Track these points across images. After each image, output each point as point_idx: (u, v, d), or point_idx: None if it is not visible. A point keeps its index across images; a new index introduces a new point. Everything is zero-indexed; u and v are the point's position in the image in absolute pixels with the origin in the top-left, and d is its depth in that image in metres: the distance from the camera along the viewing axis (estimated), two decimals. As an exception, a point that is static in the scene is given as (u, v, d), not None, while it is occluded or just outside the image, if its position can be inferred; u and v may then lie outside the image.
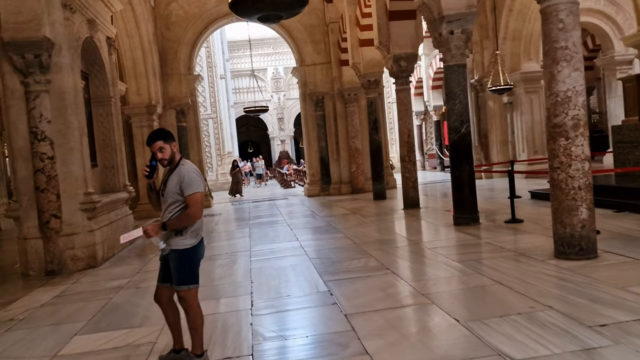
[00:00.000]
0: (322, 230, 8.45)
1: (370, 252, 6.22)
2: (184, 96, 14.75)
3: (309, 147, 15.75)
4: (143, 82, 13.67)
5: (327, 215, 10.43)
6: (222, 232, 9.52)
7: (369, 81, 12.53)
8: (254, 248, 7.36)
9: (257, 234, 8.69)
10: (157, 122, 14.27)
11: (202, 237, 3.27)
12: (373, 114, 12.58)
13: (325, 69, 15.37)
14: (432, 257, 5.72)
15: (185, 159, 3.28)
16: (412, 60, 10.02)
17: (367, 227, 8.36)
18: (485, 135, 16.27)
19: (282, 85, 36.79)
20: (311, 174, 15.79)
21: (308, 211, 11.77)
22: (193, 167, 3.19)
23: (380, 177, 12.60)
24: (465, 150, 7.55)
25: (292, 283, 5.22)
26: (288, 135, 37.77)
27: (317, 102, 15.40)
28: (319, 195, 15.45)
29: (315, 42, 15.32)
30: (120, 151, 9.18)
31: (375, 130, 12.55)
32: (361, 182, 15.16)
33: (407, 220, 8.90)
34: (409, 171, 10.10)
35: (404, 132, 10.09)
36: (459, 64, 7.51)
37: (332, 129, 15.45)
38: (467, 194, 7.52)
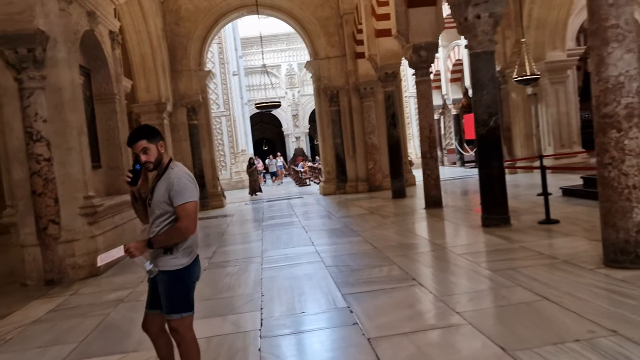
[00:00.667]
0: (339, 233, 7.90)
1: (393, 259, 5.65)
2: (194, 93, 14.30)
3: (324, 144, 15.19)
4: (152, 79, 13.25)
5: (344, 216, 9.88)
6: (233, 235, 9.03)
7: (386, 74, 11.92)
8: (266, 253, 6.84)
9: (270, 237, 8.17)
10: (168, 120, 13.85)
11: (197, 255, 2.74)
12: (391, 108, 11.97)
13: (340, 63, 14.78)
14: (462, 265, 5.14)
15: (176, 161, 2.75)
16: (432, 50, 9.40)
17: (387, 229, 7.78)
18: (508, 128, 15.53)
19: (296, 82, 36.28)
20: (327, 172, 15.24)
21: (324, 211, 11.23)
22: (185, 171, 2.66)
23: (399, 174, 12.00)
24: (494, 144, 6.93)
25: (307, 296, 4.68)
26: (303, 132, 37.29)
27: (331, 97, 14.83)
28: (335, 193, 14.90)
29: (329, 35, 14.74)
30: (125, 150, 8.73)
31: (393, 125, 11.95)
32: (379, 180, 14.57)
33: (430, 221, 8.31)
34: (430, 168, 9.49)
35: (425, 126, 9.48)
36: (487, 51, 6.88)
37: (347, 124, 14.86)
38: (496, 193, 6.90)
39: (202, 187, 14.36)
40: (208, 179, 14.63)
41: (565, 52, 14.39)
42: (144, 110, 13.20)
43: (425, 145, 9.50)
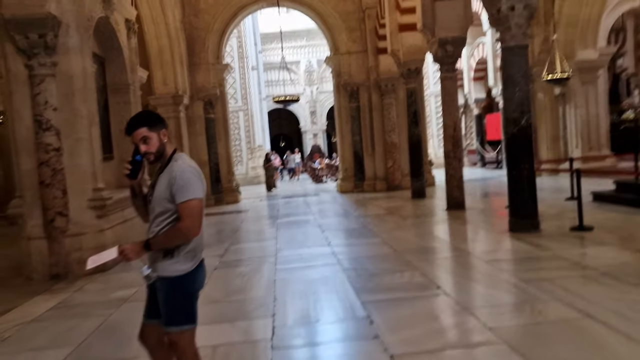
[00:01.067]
0: (357, 234, 7.56)
1: (415, 264, 5.30)
2: (212, 87, 14.05)
3: (342, 141, 14.84)
4: (169, 72, 13.03)
5: (362, 215, 9.53)
6: (247, 232, 8.74)
7: (408, 70, 11.51)
8: (280, 253, 6.53)
9: (284, 236, 7.86)
10: (184, 113, 13.63)
11: (201, 260, 2.43)
12: (413, 106, 11.57)
13: (361, 58, 14.40)
14: (491, 274, 4.76)
15: (181, 152, 2.45)
16: (459, 45, 8.98)
17: (407, 231, 7.42)
18: (535, 130, 14.89)
19: (315, 78, 35.97)
20: (344, 169, 14.89)
21: (341, 209, 10.89)
22: (189, 163, 2.35)
23: (420, 173, 11.60)
24: (525, 145, 6.51)
25: (323, 302, 4.35)
26: (320, 129, 37.00)
27: (351, 93, 14.46)
28: (352, 191, 14.54)
29: (350, 30, 14.37)
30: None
31: (414, 124, 11.55)
32: (397, 179, 14.17)
33: (453, 223, 7.91)
34: (453, 168, 9.08)
35: (449, 124, 9.07)
36: (520, 45, 6.46)
37: (367, 121, 14.49)
38: (526, 197, 6.48)
39: (218, 181, 14.15)
40: (223, 174, 14.39)
41: (597, 52, 13.82)
42: (160, 102, 12.99)
43: (449, 145, 9.10)
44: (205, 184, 2.39)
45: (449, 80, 9.09)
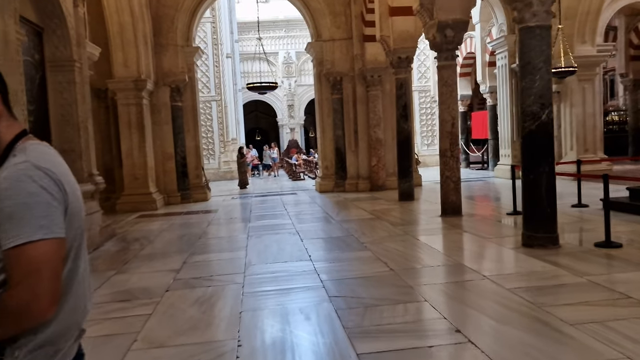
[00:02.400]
0: (342, 244, 6.42)
1: (419, 290, 4.19)
2: (180, 71, 12.72)
3: (322, 136, 13.69)
4: (131, 53, 11.66)
5: (345, 220, 8.41)
6: (213, 239, 7.52)
7: (399, 58, 10.42)
8: (250, 269, 5.34)
9: (256, 245, 6.67)
10: (148, 100, 12.27)
11: (80, 355, 1.24)
12: (402, 98, 10.49)
13: (345, 46, 13.26)
14: (522, 309, 3.67)
15: (35, 141, 1.25)
16: (460, 29, 7.91)
17: (401, 243, 6.31)
18: (526, 128, 14.09)
19: (293, 71, 34.89)
20: (324, 167, 13.74)
21: (321, 212, 9.74)
22: (39, 163, 1.15)
23: (408, 173, 10.54)
24: (545, 144, 5.48)
25: (304, 352, 3.19)
26: (298, 123, 35.92)
27: (334, 83, 13.31)
28: (333, 191, 13.42)
29: (334, 14, 13.20)
30: (85, 131, 7.19)
31: (404, 118, 10.47)
32: (382, 178, 13.12)
33: (452, 233, 6.84)
34: (450, 169, 8.03)
35: (447, 120, 8.01)
36: (542, 26, 5.41)
37: (350, 115, 13.37)
38: (544, 206, 5.45)
39: (185, 177, 12.87)
40: (191, 169, 13.09)
41: (595, 47, 12.98)
42: (120, 87, 11.62)
43: (446, 142, 8.04)
44: (81, 200, 1.21)
45: (447, 70, 8.02)
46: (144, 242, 7.47)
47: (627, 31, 18.11)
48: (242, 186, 16.54)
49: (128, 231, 8.69)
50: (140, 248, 7.03)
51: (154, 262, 6.07)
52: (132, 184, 11.77)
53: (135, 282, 5.14)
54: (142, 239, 7.77)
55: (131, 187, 11.77)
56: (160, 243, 7.39)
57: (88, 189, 7.05)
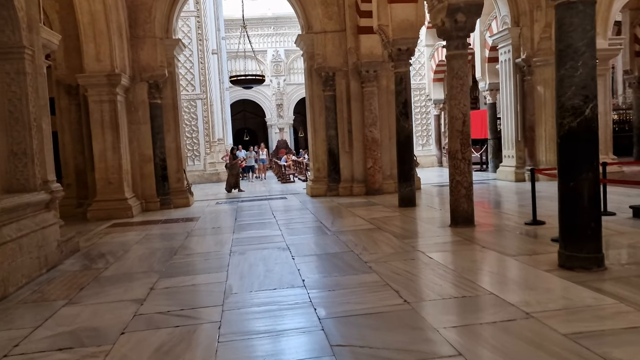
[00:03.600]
0: (341, 264, 5.42)
1: (449, 337, 3.21)
2: (159, 66, 11.64)
3: (314, 136, 12.68)
4: (104, 45, 10.58)
5: (342, 231, 7.42)
6: (190, 255, 6.48)
7: (398, 50, 9.45)
8: (230, 300, 4.33)
9: (240, 265, 5.65)
10: (123, 97, 11.19)
11: None
12: (402, 94, 9.52)
13: (338, 39, 12.27)
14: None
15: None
16: (473, 13, 6.95)
17: (411, 262, 5.33)
18: (532, 128, 13.23)
19: (282, 69, 34.06)
20: (316, 169, 12.74)
21: (313, 221, 8.74)
22: None
23: (410, 177, 9.58)
24: (589, 145, 4.53)
25: None
26: (287, 123, 35.04)
27: (326, 79, 12.32)
28: (325, 195, 12.43)
29: (326, 4, 12.20)
30: (39, 130, 6.12)
31: (404, 116, 9.51)
32: (378, 182, 12.15)
33: (469, 249, 5.87)
34: (461, 172, 7.06)
35: (458, 117, 7.05)
36: (586, 0, 4.46)
37: (344, 113, 12.38)
38: (587, 220, 4.50)
39: (164, 181, 11.80)
40: (171, 172, 12.02)
41: (607, 40, 12.13)
42: (92, 82, 10.53)
43: (456, 142, 7.07)
44: None
45: (458, 60, 7.05)
46: (110, 259, 6.42)
47: (632, 26, 17.34)
48: (229, 189, 15.48)
49: (95, 244, 7.62)
50: (104, 267, 5.98)
51: (116, 287, 5.04)
52: (105, 189, 10.68)
53: (86, 318, 4.10)
54: (109, 255, 6.72)
55: (104, 192, 10.68)
56: (128, 260, 6.34)
57: (41, 199, 5.98)
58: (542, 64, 12.73)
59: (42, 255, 5.77)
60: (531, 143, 13.26)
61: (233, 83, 17.37)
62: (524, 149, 13.37)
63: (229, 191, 15.38)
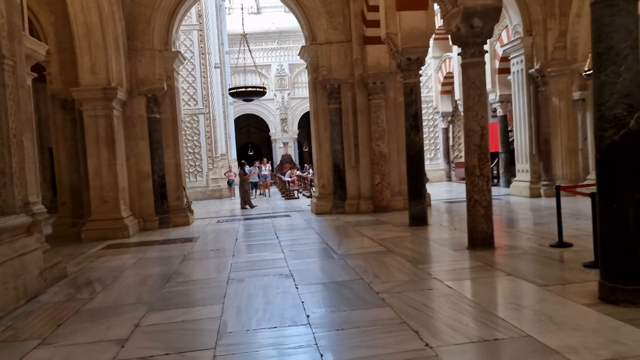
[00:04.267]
0: (350, 294, 4.84)
1: (483, 396, 2.63)
2: (157, 79, 11.20)
3: (319, 150, 12.16)
4: (100, 57, 10.16)
5: (350, 254, 6.84)
6: (183, 284, 5.91)
7: (408, 60, 8.94)
8: (223, 341, 3.76)
9: (237, 296, 5.09)
10: (120, 112, 10.73)
11: None
12: (412, 106, 9.00)
13: (344, 50, 11.81)
14: None
15: None
16: (491, 18, 6.43)
17: (428, 292, 4.75)
18: (547, 141, 12.66)
19: (286, 83, 33.90)
20: (321, 185, 12.19)
21: (319, 242, 8.18)
22: None
23: (420, 193, 9.02)
24: (635, 161, 3.95)
25: None
26: (291, 137, 34.74)
27: (331, 92, 11.83)
28: (331, 212, 11.87)
29: (331, 14, 11.76)
30: (19, 147, 5.62)
31: (415, 129, 8.98)
32: (386, 199, 11.59)
33: (491, 277, 5.28)
34: (479, 190, 6.50)
35: (475, 130, 6.50)
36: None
37: (350, 127, 11.87)
38: (633, 246, 3.92)
39: (163, 199, 11.29)
40: (171, 189, 11.51)
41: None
42: (87, 96, 10.09)
43: (474, 157, 6.51)
44: None
45: (475, 68, 6.52)
46: (97, 288, 5.87)
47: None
48: (243, 206, 15.03)
49: (84, 269, 7.07)
50: (88, 297, 5.43)
51: (98, 323, 4.48)
52: (100, 207, 10.17)
53: (56, 365, 3.54)
54: (97, 283, 6.17)
55: (99, 211, 10.16)
56: (117, 289, 5.78)
57: (20, 223, 5.45)
58: (557, 75, 12.22)
59: (20, 285, 5.23)
60: (546, 157, 12.68)
61: (233, 96, 16.88)
62: (539, 163, 12.78)
63: (243, 207, 14.92)
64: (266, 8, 34.93)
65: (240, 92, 14.11)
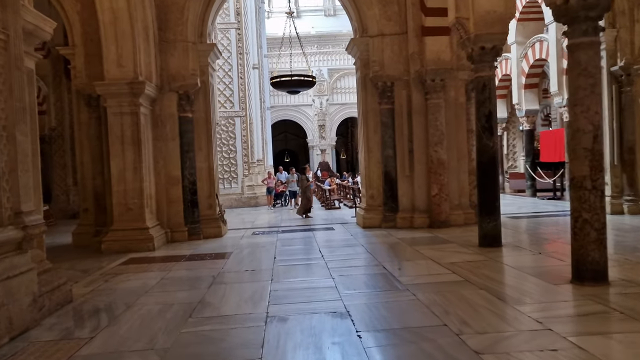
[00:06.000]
0: (439, 356, 3.45)
1: None
2: (190, 74, 10.10)
3: (367, 156, 10.79)
4: (127, 47, 9.13)
5: (417, 284, 5.44)
6: (208, 321, 4.63)
7: (482, 49, 7.50)
8: None
9: (280, 348, 3.77)
10: (148, 109, 9.68)
11: None
12: (486, 104, 7.54)
13: (398, 43, 10.43)
14: None
15: None
16: (610, -15, 4.97)
17: (552, 357, 3.31)
18: (632, 149, 10.92)
19: (325, 89, 32.95)
20: (369, 196, 10.80)
21: (373, 265, 6.79)
22: None
23: (494, 208, 7.54)
24: None
25: None
26: (329, 144, 33.67)
27: (383, 90, 10.46)
28: (380, 227, 10.46)
29: (384, 2, 10.41)
30: (10, 143, 4.50)
31: (488, 131, 7.52)
32: (445, 212, 10.10)
33: (634, 329, 3.79)
34: (591, 208, 5.00)
35: (585, 129, 5.03)
36: None
37: (404, 130, 10.46)
38: None
39: (194, 207, 10.16)
40: (202, 197, 10.35)
41: None
42: (112, 91, 9.06)
43: (584, 165, 5.03)
44: None
45: (586, 51, 5.04)
46: (103, 321, 4.67)
47: None
48: (304, 214, 14.07)
49: (95, 292, 5.92)
50: (88, 336, 4.22)
51: (90, 381, 3.24)
52: (123, 216, 9.09)
53: None
54: (105, 312, 4.98)
55: (122, 220, 9.09)
56: (127, 323, 4.57)
57: (7, 238, 4.30)
58: (643, 71, 10.51)
59: (3, 318, 4.06)
60: (630, 168, 10.93)
61: (276, 87, 15.59)
62: (622, 174, 11.04)
63: (304, 215, 13.99)
64: (306, 12, 34.10)
65: (285, 82, 12.78)
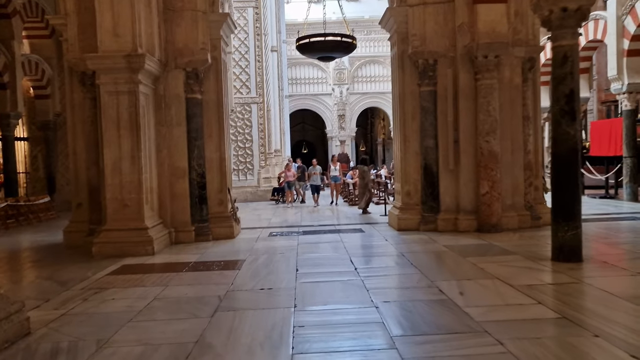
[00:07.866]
0: None
1: None
2: (200, 48, 8.65)
3: (404, 146, 9.25)
4: (124, 14, 7.71)
5: (493, 320, 3.93)
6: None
7: (563, 10, 5.90)
8: None
9: None
10: (150, 88, 8.26)
11: None
12: (567, 81, 5.95)
13: (443, 12, 8.84)
14: None
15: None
16: None
17: None
18: None
19: (345, 78, 31.59)
20: (405, 193, 9.27)
21: (424, 285, 5.26)
22: None
23: (574, 212, 5.97)
24: None
25: None
26: (349, 135, 32.21)
27: (424, 69, 8.90)
28: (418, 229, 8.95)
29: (428, -35, 8.83)
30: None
31: (569, 115, 5.94)
32: (496, 214, 8.54)
33: None
34: None
35: None
36: None
37: (448, 116, 8.89)
38: None
39: (202, 203, 8.77)
40: (212, 191, 8.94)
41: None
42: (106, 65, 7.65)
43: None
44: None
45: None
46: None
47: None
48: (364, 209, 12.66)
49: (65, 318, 4.52)
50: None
51: None
52: (118, 213, 7.72)
53: None
54: (66, 356, 3.57)
55: (117, 218, 7.72)
56: (90, 378, 3.15)
57: None
58: None
59: None
60: None
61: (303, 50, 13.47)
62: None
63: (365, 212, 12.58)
64: (327, -4, 32.43)
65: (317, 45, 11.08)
